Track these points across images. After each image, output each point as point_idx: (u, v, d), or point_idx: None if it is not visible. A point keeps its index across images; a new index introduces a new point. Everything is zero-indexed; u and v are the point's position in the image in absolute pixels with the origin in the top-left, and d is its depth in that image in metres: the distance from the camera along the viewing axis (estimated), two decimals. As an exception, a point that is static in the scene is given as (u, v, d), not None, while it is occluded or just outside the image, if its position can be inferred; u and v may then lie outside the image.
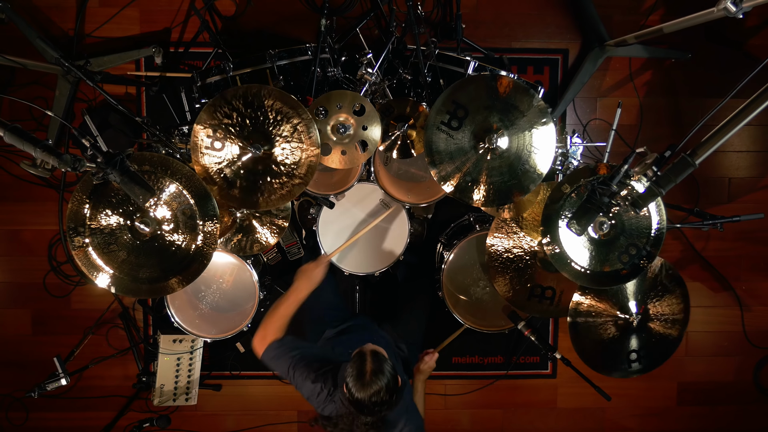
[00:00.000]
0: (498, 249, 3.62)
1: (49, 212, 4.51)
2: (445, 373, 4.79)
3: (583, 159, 3.66)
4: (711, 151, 2.52)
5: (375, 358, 2.79)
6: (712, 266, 4.77)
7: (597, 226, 3.07)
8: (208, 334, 3.97)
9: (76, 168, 2.36)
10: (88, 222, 2.91)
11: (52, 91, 4.20)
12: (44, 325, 4.68)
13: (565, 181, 3.10)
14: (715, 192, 4.72)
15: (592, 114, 4.60)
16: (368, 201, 3.92)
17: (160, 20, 4.39)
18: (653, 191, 2.61)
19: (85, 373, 4.44)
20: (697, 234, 4.72)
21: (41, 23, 4.31)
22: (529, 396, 4.92)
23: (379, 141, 3.22)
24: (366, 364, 2.76)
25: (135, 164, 2.82)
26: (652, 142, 4.59)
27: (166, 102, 4.34)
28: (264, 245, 3.76)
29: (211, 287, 4.05)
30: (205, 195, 2.95)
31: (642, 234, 3.11)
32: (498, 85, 2.99)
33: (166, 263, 3.01)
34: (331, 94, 3.16)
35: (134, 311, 4.66)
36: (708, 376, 4.94)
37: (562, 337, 4.78)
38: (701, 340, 4.85)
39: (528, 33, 4.52)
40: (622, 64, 4.55)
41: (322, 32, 3.40)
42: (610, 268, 3.14)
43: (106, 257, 2.96)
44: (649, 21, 4.47)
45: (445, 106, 2.99)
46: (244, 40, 4.39)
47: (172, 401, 4.44)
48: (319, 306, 3.92)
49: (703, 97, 4.60)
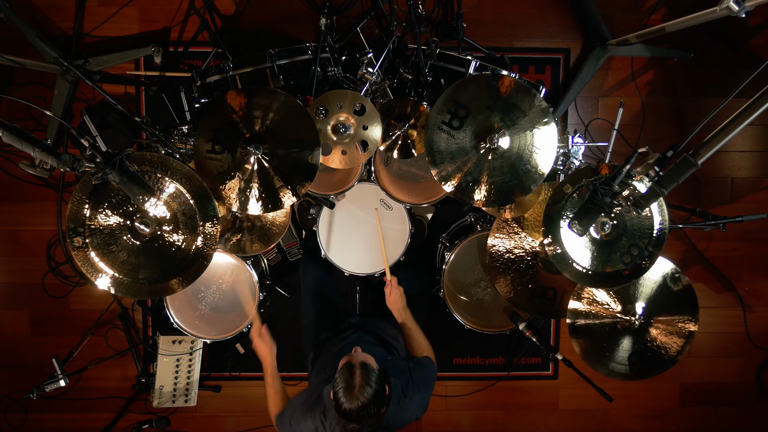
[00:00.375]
0: (499, 249, 3.62)
1: (47, 212, 4.51)
2: (446, 374, 4.79)
3: (584, 159, 3.65)
4: (713, 151, 2.52)
5: (363, 371, 2.78)
6: (715, 267, 4.77)
7: (599, 226, 3.07)
8: (207, 335, 3.97)
9: (75, 168, 2.36)
10: (87, 222, 2.91)
11: (50, 90, 4.21)
12: (43, 326, 4.69)
13: (567, 181, 3.10)
14: (717, 192, 4.73)
15: (593, 114, 4.60)
16: (369, 201, 3.92)
17: (160, 19, 4.39)
18: (655, 191, 2.61)
19: (84, 374, 4.45)
20: (700, 234, 4.73)
21: (40, 22, 4.31)
22: (531, 397, 4.92)
23: (379, 141, 3.22)
24: (355, 377, 2.75)
25: (134, 164, 2.83)
26: (654, 142, 4.59)
27: (166, 102, 4.34)
28: (264, 246, 3.77)
29: (210, 288, 4.05)
30: (205, 195, 2.95)
31: (644, 234, 3.11)
32: (499, 84, 2.99)
33: (166, 264, 3.01)
34: (332, 94, 3.16)
35: (133, 312, 4.67)
36: (710, 377, 4.94)
37: (564, 338, 4.79)
38: (704, 341, 4.85)
39: (529, 32, 4.53)
40: (624, 64, 4.56)
41: (323, 31, 3.40)
42: (612, 268, 3.13)
43: (105, 258, 2.96)
44: (651, 20, 4.48)
45: (446, 105, 2.99)
46: (243, 39, 4.40)
47: (171, 402, 4.44)
48: (316, 308, 3.95)
49: (705, 96, 4.61)
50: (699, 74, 4.58)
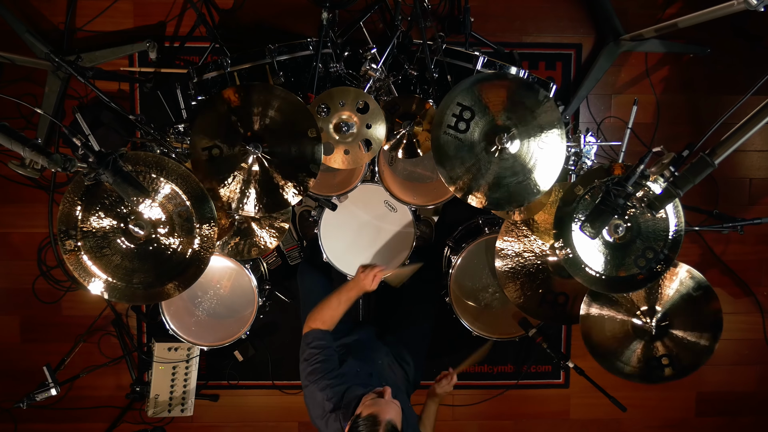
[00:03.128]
0: (508, 253, 3.62)
1: (38, 214, 4.52)
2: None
3: (597, 159, 3.65)
4: (731, 150, 2.52)
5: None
6: (732, 271, 4.76)
7: (612, 229, 3.06)
8: (204, 341, 3.98)
9: (67, 168, 2.36)
10: (79, 225, 2.90)
11: (41, 87, 4.21)
12: (33, 333, 4.69)
13: (579, 182, 3.09)
14: (735, 193, 4.72)
15: (606, 112, 4.60)
16: (372, 203, 3.92)
17: (155, 13, 4.39)
18: (670, 192, 2.61)
19: (76, 383, 4.45)
20: (717, 237, 4.72)
21: (30, 17, 4.32)
22: (541, 407, 4.92)
23: (383, 140, 3.21)
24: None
25: (128, 164, 2.83)
26: (670, 141, 4.58)
27: (161, 99, 4.35)
28: (263, 249, 3.76)
29: (208, 293, 4.05)
30: (201, 197, 2.95)
31: (659, 237, 3.10)
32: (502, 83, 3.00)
33: (161, 268, 3.00)
34: (334, 91, 3.16)
35: (127, 318, 4.67)
36: (728, 385, 4.93)
37: (575, 345, 4.78)
38: (721, 348, 4.73)
39: (539, 27, 4.52)
40: (638, 60, 4.55)
41: (324, 26, 3.39)
42: (626, 272, 3.12)
43: (98, 261, 2.96)
44: (666, 14, 4.47)
45: (450, 109, 2.99)
46: (242, 34, 4.40)
47: (167, 412, 4.44)
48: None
49: (722, 93, 4.60)
50: (716, 70, 4.57)
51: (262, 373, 4.70)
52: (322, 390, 3.00)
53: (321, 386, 3.01)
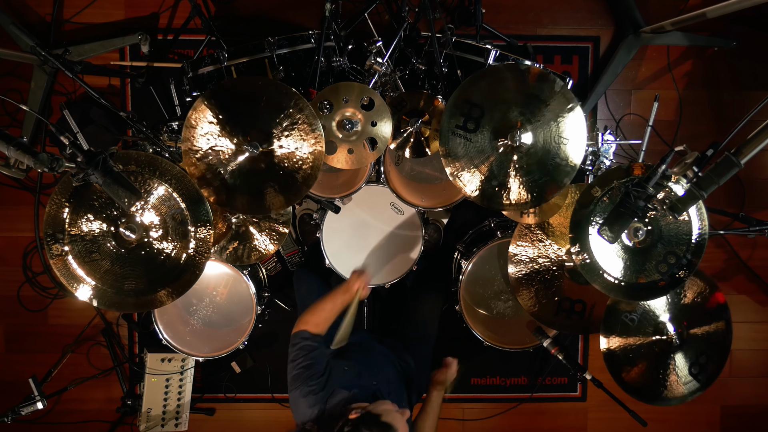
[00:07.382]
0: (522, 258, 3.62)
1: (23, 217, 4.52)
2: (464, 396, 4.79)
3: (615, 158, 3.65)
4: (758, 149, 2.51)
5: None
6: (759, 277, 4.75)
7: (631, 232, 3.06)
8: (200, 352, 3.98)
9: (54, 168, 2.36)
10: (67, 228, 2.91)
11: (27, 83, 4.22)
12: (18, 343, 4.70)
13: (596, 183, 3.09)
14: (762, 195, 4.71)
15: (626, 108, 4.60)
16: (378, 205, 3.92)
17: (147, 4, 4.40)
18: (694, 194, 2.60)
19: (64, 396, 4.46)
20: (743, 241, 4.71)
21: (15, 8, 4.33)
22: (557, 421, 4.91)
23: (389, 138, 3.22)
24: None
25: (119, 164, 2.84)
26: (693, 140, 4.58)
27: (154, 95, 4.35)
28: (262, 254, 3.77)
29: (203, 300, 4.06)
30: (197, 198, 2.95)
31: (681, 241, 3.09)
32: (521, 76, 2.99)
33: (153, 274, 3.01)
34: (337, 87, 3.16)
35: (118, 327, 4.67)
36: (755, 399, 4.92)
37: (593, 356, 4.78)
38: (747, 359, 4.83)
39: (555, 19, 4.53)
40: (660, 53, 4.55)
41: (327, 18, 3.40)
42: (646, 279, 3.12)
43: (87, 267, 2.96)
44: (689, 5, 4.46)
45: (458, 107, 2.99)
46: (240, 26, 4.41)
47: (160, 427, 4.44)
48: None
49: (748, 89, 4.60)
50: (742, 65, 4.57)
51: (260, 386, 4.70)
52: (305, 396, 3.01)
53: (303, 392, 3.01)
